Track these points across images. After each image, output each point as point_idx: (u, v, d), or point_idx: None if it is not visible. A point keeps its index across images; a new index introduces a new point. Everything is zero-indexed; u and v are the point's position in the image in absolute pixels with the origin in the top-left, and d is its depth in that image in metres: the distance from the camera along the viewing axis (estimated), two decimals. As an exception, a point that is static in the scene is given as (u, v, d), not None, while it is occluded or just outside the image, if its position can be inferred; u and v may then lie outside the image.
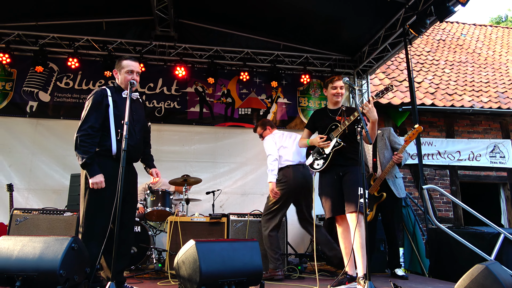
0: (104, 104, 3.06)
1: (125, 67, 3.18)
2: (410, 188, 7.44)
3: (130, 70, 3.17)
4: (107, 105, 3.06)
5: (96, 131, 3.00)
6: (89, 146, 2.96)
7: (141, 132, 3.27)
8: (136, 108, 3.24)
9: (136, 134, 3.16)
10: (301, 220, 4.49)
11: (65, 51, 6.37)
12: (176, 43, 6.52)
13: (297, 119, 7.04)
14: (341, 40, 6.66)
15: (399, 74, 8.70)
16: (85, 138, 2.98)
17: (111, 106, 3.05)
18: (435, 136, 7.81)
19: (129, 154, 2.98)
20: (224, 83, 6.98)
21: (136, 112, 3.22)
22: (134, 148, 3.11)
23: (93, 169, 2.94)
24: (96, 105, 3.05)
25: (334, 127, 3.63)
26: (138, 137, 3.19)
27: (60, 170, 6.18)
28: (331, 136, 3.61)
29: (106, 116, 3.05)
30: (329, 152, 3.58)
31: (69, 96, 6.46)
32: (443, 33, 11.79)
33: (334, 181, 3.57)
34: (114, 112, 3.03)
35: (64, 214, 4.53)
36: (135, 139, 3.14)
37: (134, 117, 3.16)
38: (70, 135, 6.25)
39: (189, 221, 4.59)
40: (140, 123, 3.25)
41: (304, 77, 6.79)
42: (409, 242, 5.41)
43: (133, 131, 3.12)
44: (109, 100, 3.08)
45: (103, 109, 3.04)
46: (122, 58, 3.27)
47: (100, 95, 3.09)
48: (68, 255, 2.48)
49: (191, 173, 6.15)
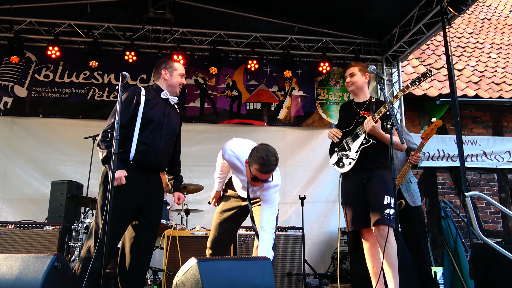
0: (135, 101, 3.18)
1: (178, 69, 3.43)
2: (450, 195, 7.38)
3: (183, 74, 3.46)
4: (137, 103, 3.19)
5: (122, 128, 3.10)
6: (111, 140, 3.04)
7: (171, 141, 3.37)
8: (170, 114, 3.36)
9: (162, 139, 3.25)
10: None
11: (44, 38, 6.45)
12: (173, 27, 6.56)
13: (315, 115, 7.03)
14: (366, 21, 6.63)
15: (436, 60, 8.62)
16: (108, 133, 3.08)
17: (141, 105, 3.18)
18: (479, 133, 7.72)
19: (147, 160, 3.11)
20: (229, 73, 7.00)
21: (169, 117, 3.33)
22: (156, 154, 3.19)
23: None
24: (126, 102, 3.19)
25: (362, 120, 3.59)
26: (164, 143, 3.27)
27: (39, 177, 6.25)
28: (358, 131, 3.58)
29: (134, 115, 3.17)
30: (356, 150, 3.55)
31: (49, 90, 6.53)
32: (488, 11, 11.66)
33: (357, 188, 3.54)
34: (144, 112, 3.15)
35: (45, 227, 4.57)
36: (159, 144, 3.22)
37: (165, 121, 3.27)
38: (51, 135, 6.49)
39: (189, 235, 4.61)
40: (171, 131, 3.34)
41: (323, 65, 6.78)
42: (449, 260, 5.37)
43: (159, 135, 3.22)
44: (141, 98, 3.22)
45: (133, 107, 3.17)
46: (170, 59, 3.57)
47: (133, 91, 3.25)
48: (50, 275, 2.50)
49: (191, 179, 6.19)
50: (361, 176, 3.53)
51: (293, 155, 6.84)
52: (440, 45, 9.16)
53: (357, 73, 3.69)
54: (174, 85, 3.41)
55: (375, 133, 3.40)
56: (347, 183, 3.67)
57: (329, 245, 6.50)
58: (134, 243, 3.17)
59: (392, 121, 3.01)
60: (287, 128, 6.97)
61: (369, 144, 3.44)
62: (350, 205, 3.59)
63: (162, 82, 3.40)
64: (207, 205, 5.73)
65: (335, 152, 3.77)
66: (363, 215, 3.47)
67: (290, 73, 6.75)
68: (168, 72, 3.40)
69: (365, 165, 3.52)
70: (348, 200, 3.61)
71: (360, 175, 3.53)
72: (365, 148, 3.48)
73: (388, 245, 3.23)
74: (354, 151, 3.55)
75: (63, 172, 6.24)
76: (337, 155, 3.73)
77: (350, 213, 3.57)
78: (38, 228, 4.56)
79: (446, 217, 5.51)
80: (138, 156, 3.08)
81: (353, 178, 3.58)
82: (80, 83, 6.59)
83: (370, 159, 3.51)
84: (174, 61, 3.48)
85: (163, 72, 3.40)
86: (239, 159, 3.29)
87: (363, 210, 3.48)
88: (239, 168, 3.32)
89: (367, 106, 3.64)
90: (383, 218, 3.27)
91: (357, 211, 3.51)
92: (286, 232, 5.06)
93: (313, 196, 6.64)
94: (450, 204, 7.01)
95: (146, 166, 3.14)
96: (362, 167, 3.53)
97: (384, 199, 3.31)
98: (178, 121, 3.48)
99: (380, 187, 3.39)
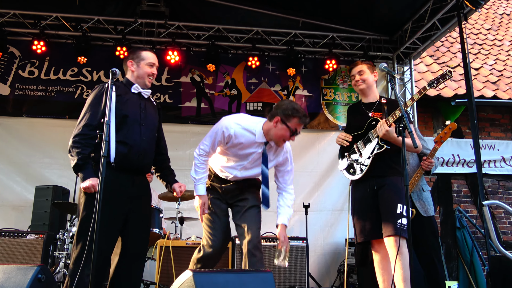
0: (104, 99, 3.16)
1: (145, 58, 3.37)
2: (466, 204, 7.37)
3: (152, 63, 3.38)
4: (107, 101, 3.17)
5: (93, 129, 3.09)
6: (83, 147, 3.04)
7: (152, 137, 3.37)
8: (146, 108, 3.35)
9: (143, 136, 3.24)
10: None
11: (29, 31, 6.45)
12: (167, 21, 6.56)
13: (321, 116, 7.03)
14: (377, 15, 6.63)
15: (451, 58, 8.62)
16: (79, 139, 3.07)
17: (113, 102, 3.12)
18: (498, 137, 7.71)
19: (130, 162, 3.10)
20: (227, 70, 7.00)
21: (145, 112, 3.32)
22: (138, 154, 3.18)
23: (86, 171, 3.02)
24: (95, 101, 3.18)
25: (374, 123, 3.58)
26: (146, 140, 3.26)
27: (22, 182, 6.23)
28: (370, 135, 3.56)
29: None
30: (368, 156, 3.53)
31: (34, 88, 6.52)
32: (507, 5, 11.67)
33: (367, 196, 3.53)
34: (117, 109, 3.12)
35: (28, 236, 4.56)
36: (141, 142, 3.20)
37: (142, 117, 3.26)
38: (35, 137, 6.48)
39: (184, 246, 4.59)
40: (150, 126, 3.34)
41: (330, 62, 6.77)
42: (465, 274, 5.36)
43: (139, 133, 3.21)
44: (112, 94, 3.17)
45: (103, 106, 3.15)
46: (138, 48, 3.52)
47: (101, 89, 3.23)
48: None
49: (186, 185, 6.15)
50: (372, 183, 3.51)
51: (297, 159, 6.75)
52: (455, 42, 9.15)
53: (366, 70, 3.67)
54: (141, 76, 3.34)
55: (389, 138, 3.39)
56: (357, 190, 3.65)
57: (335, 257, 6.47)
58: (124, 253, 3.14)
59: (405, 123, 3.00)
60: (290, 130, 6.94)
61: (382, 150, 3.43)
62: (359, 214, 3.57)
63: (131, 75, 3.37)
64: (203, 213, 5.74)
65: (345, 157, 3.75)
66: (374, 225, 3.46)
67: (293, 71, 6.75)
68: (135, 62, 3.36)
69: (377, 172, 3.50)
70: (358, 209, 3.60)
71: (371, 182, 3.52)
72: (377, 154, 3.46)
73: (401, 257, 3.21)
74: (366, 157, 3.53)
75: (48, 176, 6.22)
76: (347, 160, 3.71)
77: (359, 223, 3.55)
78: (20, 237, 4.55)
79: (462, 227, 5.49)
80: (119, 158, 3.05)
81: (364, 185, 3.57)
82: (67, 80, 6.57)
83: (382, 165, 3.50)
84: (142, 51, 3.43)
85: (129, 64, 3.37)
86: (249, 130, 3.40)
87: (374, 220, 3.46)
88: (246, 143, 3.40)
89: (377, 106, 3.62)
90: (396, 229, 3.25)
91: (368, 220, 3.50)
92: (289, 242, 5.02)
93: (318, 203, 6.62)
94: (466, 214, 6.99)
95: (130, 168, 3.13)
96: (373, 174, 3.52)
97: (397, 208, 3.30)
98: (156, 115, 3.46)
99: (392, 195, 3.37)
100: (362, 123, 3.63)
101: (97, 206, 2.63)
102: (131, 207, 3.14)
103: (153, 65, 3.40)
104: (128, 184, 3.12)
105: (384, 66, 3.33)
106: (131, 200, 3.14)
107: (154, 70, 3.41)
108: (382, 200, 3.44)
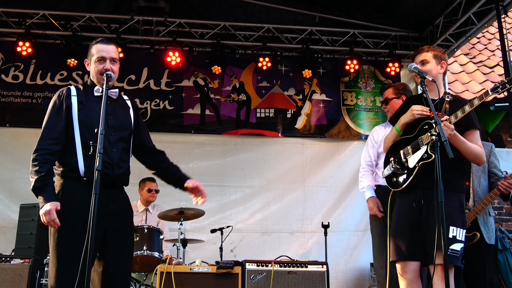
0: (65, 106, 3.15)
1: (94, 54, 3.28)
2: (508, 223, 7.30)
3: (100, 57, 3.24)
4: (68, 108, 3.15)
5: (55, 143, 3.08)
6: (40, 164, 3.00)
7: (124, 144, 3.32)
8: (114, 111, 3.30)
9: (112, 145, 3.21)
10: None
11: (13, 31, 6.53)
12: (167, 18, 6.60)
13: (341, 124, 7.02)
14: (403, 9, 6.64)
15: (489, 57, 8.60)
16: (36, 155, 3.04)
17: (74, 109, 3.13)
18: (544, 146, 7.66)
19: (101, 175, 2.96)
20: (235, 73, 7.03)
21: (113, 115, 3.27)
22: (109, 164, 3.15)
23: (44, 195, 2.96)
24: (54, 110, 3.17)
25: (427, 127, 3.45)
26: (116, 150, 3.24)
27: (5, 199, 6.28)
28: (420, 141, 3.49)
29: (69, 123, 3.14)
30: (413, 165, 3.46)
31: (19, 94, 6.58)
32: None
33: (412, 210, 3.46)
34: (80, 116, 3.12)
35: (12, 261, 4.57)
36: (112, 153, 3.19)
37: (110, 123, 3.21)
38: (20, 149, 6.51)
39: (188, 271, 4.58)
40: (120, 131, 3.30)
41: (351, 63, 6.77)
42: (509, 303, 5.29)
43: (108, 142, 3.17)
44: (73, 100, 3.17)
45: (64, 114, 3.14)
46: (92, 42, 3.38)
47: (60, 95, 3.20)
48: (19, 320, 2.50)
49: (189, 202, 6.15)
50: (419, 196, 3.43)
51: (314, 173, 6.81)
52: (493, 39, 9.12)
53: (431, 60, 3.53)
54: (93, 75, 3.28)
55: (454, 142, 3.29)
56: (400, 201, 3.58)
57: (359, 284, 6.45)
58: (104, 279, 3.09)
59: (438, 131, 2.97)
60: (307, 139, 6.96)
61: (430, 160, 3.33)
62: (399, 229, 3.50)
63: (91, 76, 3.31)
64: (208, 234, 5.74)
65: (389, 162, 3.69)
66: (413, 245, 3.40)
67: (310, 73, 6.76)
68: (88, 60, 3.32)
69: (425, 185, 3.41)
70: (398, 223, 3.53)
71: (418, 194, 3.44)
72: (425, 164, 3.39)
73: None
74: (411, 166, 3.47)
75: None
76: (391, 167, 3.67)
77: (397, 239, 3.49)
78: (3, 262, 4.56)
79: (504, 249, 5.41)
80: (89, 172, 3.01)
81: (409, 197, 3.49)
82: (56, 85, 6.60)
83: (432, 177, 3.19)
84: (94, 44, 3.31)
85: (85, 63, 3.34)
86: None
87: (413, 239, 3.40)
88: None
89: (439, 105, 3.43)
90: (448, 256, 3.16)
91: (407, 239, 3.44)
92: (307, 267, 4.99)
93: (339, 223, 6.60)
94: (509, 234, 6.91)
95: (103, 182, 2.95)
96: (421, 186, 3.44)
97: (450, 230, 3.23)
98: (128, 115, 3.39)
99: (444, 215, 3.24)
100: (415, 125, 3.53)
101: (91, 225, 2.63)
102: (108, 224, 3.08)
103: (104, 59, 3.23)
104: (103, 200, 2.99)
105: (414, 67, 3.31)
106: (107, 217, 3.07)
107: (107, 65, 3.22)
108: (429, 219, 3.32)
